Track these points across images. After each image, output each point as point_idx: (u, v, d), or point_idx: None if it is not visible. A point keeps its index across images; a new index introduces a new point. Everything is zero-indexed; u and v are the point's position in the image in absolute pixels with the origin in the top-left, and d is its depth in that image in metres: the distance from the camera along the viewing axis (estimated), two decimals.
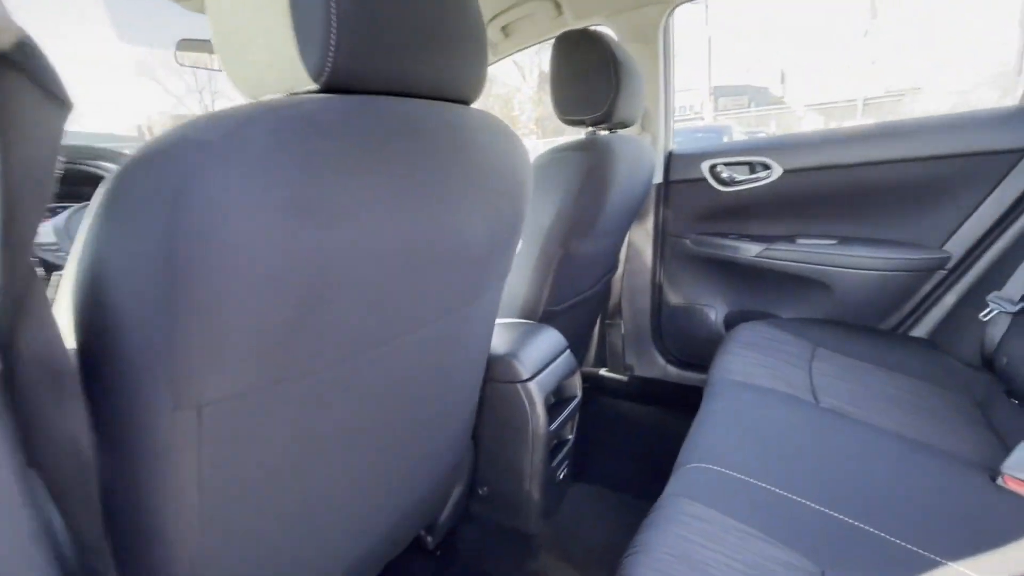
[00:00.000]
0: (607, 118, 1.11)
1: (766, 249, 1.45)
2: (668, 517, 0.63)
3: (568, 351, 1.13)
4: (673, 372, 1.71)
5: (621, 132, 1.30)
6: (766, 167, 1.45)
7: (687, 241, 1.62)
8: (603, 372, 1.83)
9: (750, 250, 1.47)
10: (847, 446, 0.79)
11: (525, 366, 0.97)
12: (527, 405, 0.96)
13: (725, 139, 6.48)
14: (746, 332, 1.23)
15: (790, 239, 1.45)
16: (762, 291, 1.56)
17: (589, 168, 1.07)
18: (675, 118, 1.63)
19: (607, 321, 1.79)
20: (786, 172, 1.42)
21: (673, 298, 1.70)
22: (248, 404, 0.41)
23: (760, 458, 0.75)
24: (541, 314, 1.20)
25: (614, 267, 1.63)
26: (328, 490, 0.55)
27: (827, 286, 1.40)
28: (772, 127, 13.78)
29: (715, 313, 1.64)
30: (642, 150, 1.28)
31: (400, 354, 0.54)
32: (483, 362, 0.84)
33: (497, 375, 0.97)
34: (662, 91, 1.54)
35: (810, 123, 15.36)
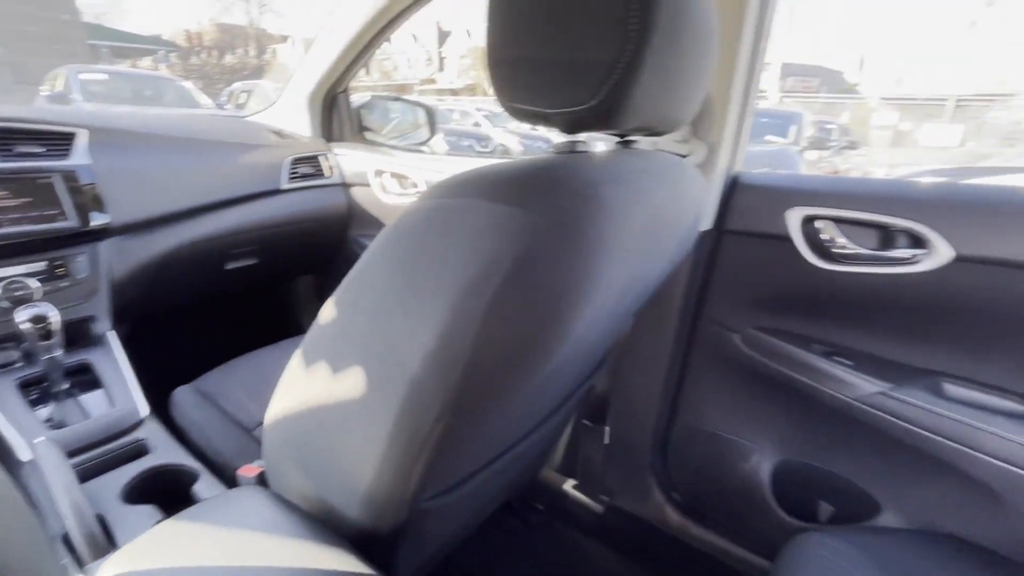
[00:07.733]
0: (612, 112, 0.43)
1: (887, 391, 0.79)
2: None
3: None
4: (674, 520, 1.09)
5: (644, 142, 0.64)
6: (920, 241, 0.77)
7: (736, 337, 0.96)
8: (569, 487, 1.22)
9: (849, 385, 0.82)
10: None
11: None
12: None
13: (792, 130, 5.39)
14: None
15: (933, 382, 0.79)
16: (848, 448, 0.90)
17: (549, 226, 0.40)
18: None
19: (584, 421, 1.15)
20: (960, 260, 0.74)
21: (695, 416, 1.06)
22: None
23: None
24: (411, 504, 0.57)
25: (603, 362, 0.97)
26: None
27: (994, 492, 0.75)
28: (844, 119, 12.24)
29: (758, 457, 0.99)
30: (683, 180, 0.61)
31: None
32: None
33: None
34: (745, 62, 0.84)
35: (883, 118, 13.74)
